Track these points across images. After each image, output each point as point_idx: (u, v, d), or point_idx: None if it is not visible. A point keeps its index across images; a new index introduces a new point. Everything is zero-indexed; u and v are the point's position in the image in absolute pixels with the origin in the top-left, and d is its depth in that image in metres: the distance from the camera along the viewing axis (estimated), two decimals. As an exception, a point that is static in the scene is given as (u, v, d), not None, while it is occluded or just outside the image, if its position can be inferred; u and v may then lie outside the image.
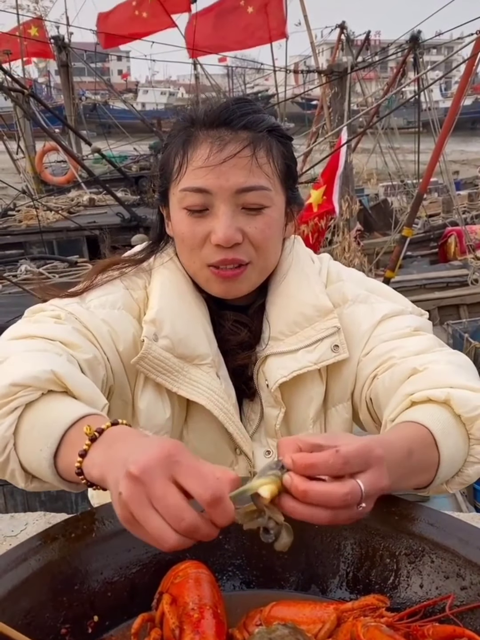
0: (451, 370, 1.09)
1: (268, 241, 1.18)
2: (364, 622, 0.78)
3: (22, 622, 0.79)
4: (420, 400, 1.02)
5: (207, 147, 1.13)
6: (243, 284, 1.20)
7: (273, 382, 1.22)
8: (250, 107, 1.17)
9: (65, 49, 15.16)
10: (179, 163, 1.16)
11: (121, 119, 18.55)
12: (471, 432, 1.00)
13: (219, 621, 0.79)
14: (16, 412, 0.92)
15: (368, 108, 11.60)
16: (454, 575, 0.84)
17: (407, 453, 0.88)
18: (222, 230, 1.12)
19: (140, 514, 0.69)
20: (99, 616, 0.86)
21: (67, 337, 1.07)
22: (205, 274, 1.19)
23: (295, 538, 0.93)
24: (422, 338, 1.20)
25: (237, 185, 1.12)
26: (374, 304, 1.27)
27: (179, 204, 1.17)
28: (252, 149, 1.13)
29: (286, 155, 1.20)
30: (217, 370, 1.21)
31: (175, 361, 1.18)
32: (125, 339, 1.17)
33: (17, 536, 1.24)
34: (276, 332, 1.24)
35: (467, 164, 22.31)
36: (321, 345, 1.22)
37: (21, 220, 10.80)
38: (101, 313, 1.17)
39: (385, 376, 1.16)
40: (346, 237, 9.17)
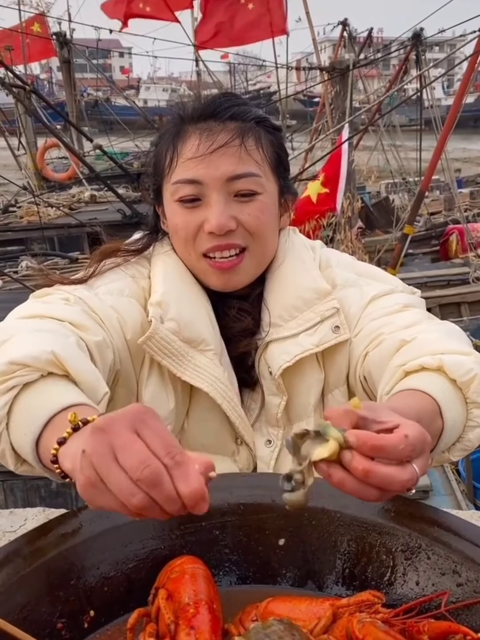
0: (440, 337, 1.09)
1: (263, 227, 1.19)
2: (359, 618, 0.78)
3: (18, 616, 0.79)
4: (413, 369, 1.02)
5: (195, 138, 1.15)
6: (241, 275, 1.21)
7: (277, 368, 1.22)
8: (237, 100, 1.20)
9: (67, 45, 15.13)
10: (170, 158, 1.18)
11: (123, 115, 18.52)
12: (468, 395, 1.00)
13: (215, 616, 0.79)
14: (12, 391, 0.90)
15: (370, 105, 11.57)
16: (450, 572, 0.84)
17: (416, 420, 0.87)
18: (215, 217, 1.14)
19: (104, 466, 0.66)
20: (95, 611, 0.86)
21: (77, 319, 1.06)
22: (202, 266, 1.20)
23: (291, 534, 0.94)
24: (411, 312, 1.20)
25: (227, 173, 1.14)
26: (362, 286, 1.28)
27: (171, 197, 1.18)
28: (240, 138, 1.14)
29: (275, 144, 1.22)
30: (220, 357, 1.22)
31: (181, 345, 1.18)
32: (133, 326, 1.17)
33: (16, 532, 1.24)
34: (276, 317, 1.24)
35: (469, 161, 22.29)
36: (322, 327, 1.23)
37: (22, 216, 10.79)
38: (109, 300, 1.17)
39: (376, 352, 1.16)
40: (347, 234, 9.17)
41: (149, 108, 30.85)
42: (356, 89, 12.32)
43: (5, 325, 1.04)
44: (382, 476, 0.70)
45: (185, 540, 0.93)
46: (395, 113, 13.33)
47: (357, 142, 11.51)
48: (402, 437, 0.71)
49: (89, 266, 1.27)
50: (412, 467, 0.72)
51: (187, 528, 0.93)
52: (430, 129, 11.72)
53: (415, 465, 0.72)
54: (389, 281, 1.31)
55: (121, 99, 23.40)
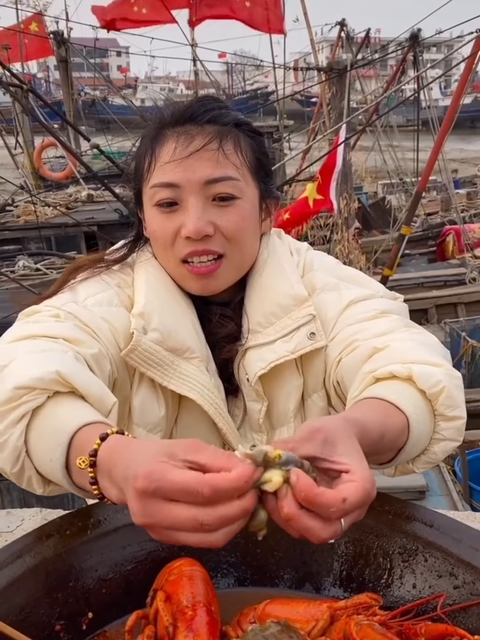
0: (413, 346, 1.08)
1: (242, 233, 1.18)
2: (356, 621, 0.78)
3: (16, 618, 0.79)
4: (383, 376, 1.01)
5: (173, 142, 1.14)
6: (219, 280, 1.20)
7: (252, 375, 1.21)
8: (216, 104, 1.19)
9: (65, 44, 15.11)
10: (148, 162, 1.17)
11: (120, 114, 18.46)
12: (436, 408, 0.99)
13: (213, 619, 0.80)
14: (24, 419, 0.89)
15: (367, 106, 11.59)
16: (447, 575, 0.84)
17: (379, 438, 0.87)
18: (191, 222, 1.13)
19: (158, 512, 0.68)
20: (93, 613, 0.87)
21: (70, 334, 1.06)
22: (180, 272, 1.20)
23: (289, 536, 0.94)
24: (388, 319, 1.18)
25: (204, 177, 1.13)
26: (342, 290, 1.26)
27: (150, 201, 1.18)
28: (218, 141, 1.14)
29: (256, 149, 1.21)
30: (207, 364, 1.21)
31: (166, 354, 1.17)
32: (125, 335, 1.17)
33: (13, 532, 1.24)
34: (254, 324, 1.24)
35: (466, 162, 22.31)
36: (297, 334, 1.22)
37: (19, 215, 10.79)
38: (99, 311, 1.16)
39: (349, 358, 1.15)
40: (345, 235, 9.18)
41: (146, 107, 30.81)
42: (354, 89, 12.35)
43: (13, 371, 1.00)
44: (302, 526, 0.70)
45: (183, 542, 0.93)
46: (393, 113, 13.35)
47: (354, 143, 11.53)
48: (339, 500, 0.70)
49: (59, 280, 1.25)
50: (337, 525, 0.71)
51: (185, 530, 0.93)
52: (428, 130, 11.75)
53: (343, 521, 0.72)
54: (370, 286, 1.29)
55: (118, 98, 23.37)
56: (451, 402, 0.99)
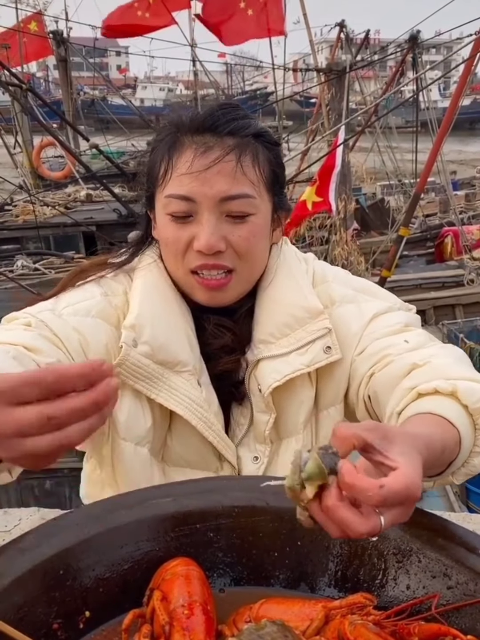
0: (451, 362, 1.11)
1: (253, 249, 1.18)
2: (351, 620, 0.79)
3: (14, 617, 0.80)
4: (426, 391, 1.03)
5: (191, 153, 1.12)
6: (228, 293, 1.20)
7: (266, 386, 1.20)
8: (237, 113, 1.16)
9: (64, 43, 15.11)
10: (164, 169, 1.15)
11: (119, 114, 18.49)
12: (478, 422, 1.01)
13: (209, 618, 0.81)
14: None
15: (367, 107, 11.60)
16: (441, 575, 0.85)
17: (441, 452, 0.90)
18: (204, 237, 1.12)
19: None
20: (90, 612, 0.87)
21: (30, 342, 1.05)
22: (189, 281, 1.19)
23: (285, 537, 0.95)
24: (414, 333, 1.20)
25: (221, 193, 1.12)
26: (361, 303, 1.27)
27: (163, 209, 1.17)
28: (237, 155, 1.12)
29: (272, 162, 1.19)
30: (199, 377, 1.20)
31: (155, 367, 1.16)
32: (96, 347, 1.15)
33: (10, 531, 1.24)
34: (266, 334, 1.22)
35: (464, 164, 22.32)
36: (313, 347, 1.21)
37: (18, 215, 10.77)
38: (73, 320, 1.15)
39: (383, 373, 1.15)
40: (343, 236, 9.19)
41: (145, 107, 30.83)
42: (353, 90, 12.35)
43: None
44: (340, 519, 0.71)
45: (179, 542, 0.94)
46: (392, 115, 13.35)
47: (353, 144, 11.54)
48: (375, 486, 0.70)
49: (61, 284, 1.26)
50: (377, 519, 0.72)
51: (181, 530, 0.94)
52: (427, 131, 11.76)
53: (382, 517, 0.72)
54: (386, 298, 1.30)
55: (118, 98, 23.37)
56: None
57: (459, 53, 12.41)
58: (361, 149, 14.33)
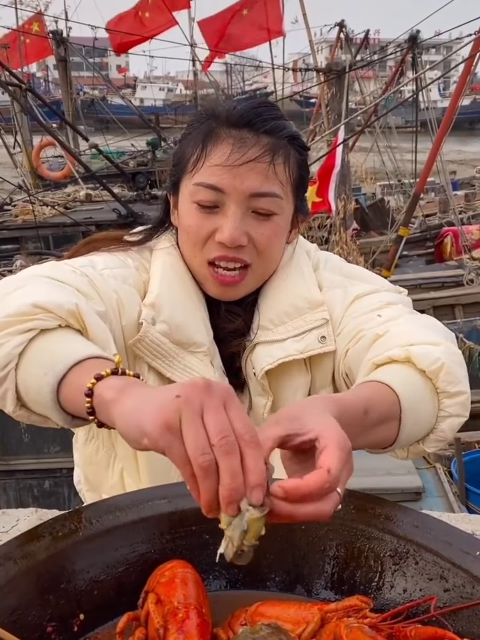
0: (412, 329, 1.11)
1: (272, 248, 1.20)
2: (347, 623, 0.79)
3: (8, 620, 0.79)
4: (382, 362, 1.04)
5: (227, 146, 1.13)
6: (239, 290, 1.22)
7: (259, 369, 1.23)
8: (274, 113, 1.18)
9: (64, 43, 15.12)
10: (196, 156, 1.16)
11: (119, 114, 18.48)
12: (437, 385, 1.01)
13: (204, 621, 0.80)
14: (29, 333, 0.92)
15: (366, 107, 11.60)
16: (438, 578, 0.85)
17: (363, 412, 0.89)
18: (229, 230, 1.13)
19: (190, 417, 0.68)
20: (84, 614, 0.87)
21: (82, 287, 1.07)
22: (204, 273, 1.21)
23: (281, 539, 0.94)
24: (391, 308, 1.21)
25: (251, 189, 1.13)
26: (347, 287, 1.28)
27: (190, 196, 1.17)
28: (271, 155, 1.13)
29: (301, 165, 1.22)
30: (212, 359, 1.22)
31: (171, 346, 1.19)
32: (130, 314, 1.17)
33: (8, 532, 1.24)
34: (266, 321, 1.25)
35: (464, 164, 22.32)
36: (309, 336, 1.24)
37: (17, 215, 10.78)
38: (113, 283, 1.17)
39: (355, 348, 1.18)
40: (343, 236, 9.19)
41: (145, 107, 30.82)
42: (352, 90, 12.35)
43: (15, 277, 1.05)
44: (307, 514, 0.71)
45: (175, 544, 0.93)
46: (392, 115, 13.35)
47: (353, 144, 11.54)
48: (325, 475, 0.70)
49: (74, 250, 1.28)
50: (335, 494, 0.72)
51: (177, 532, 0.94)
52: (426, 131, 11.75)
53: (339, 489, 0.72)
54: (375, 281, 1.32)
55: (117, 97, 23.36)
56: (452, 378, 1.01)
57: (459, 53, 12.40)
58: (361, 149, 14.34)
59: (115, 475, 1.29)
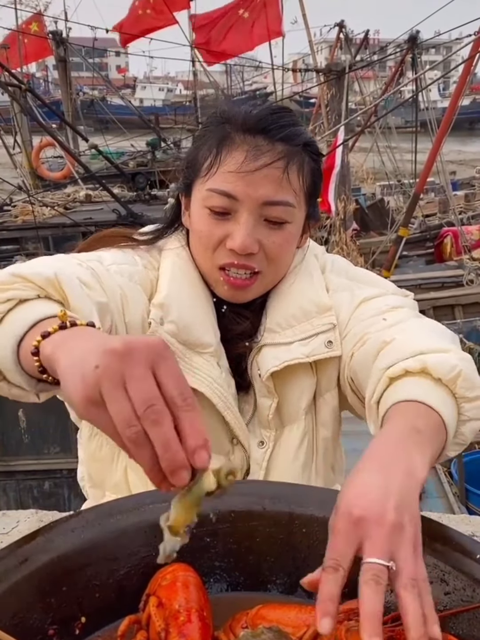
0: (419, 335, 1.09)
1: (283, 255, 1.21)
2: (347, 626, 0.79)
3: (9, 623, 0.79)
4: (397, 375, 1.01)
5: (242, 153, 1.13)
6: (250, 294, 1.23)
7: (265, 371, 1.24)
8: (290, 119, 1.17)
9: (63, 44, 15.11)
10: (210, 161, 1.16)
11: (119, 115, 18.47)
12: (456, 391, 0.99)
13: (205, 624, 0.80)
14: (8, 304, 0.90)
15: (366, 107, 11.60)
16: (438, 581, 0.85)
17: (437, 443, 0.91)
18: (240, 237, 1.14)
19: (111, 390, 0.65)
20: (86, 617, 0.87)
21: (85, 278, 1.06)
22: (215, 276, 1.21)
23: (282, 542, 0.94)
24: (398, 312, 1.20)
25: (264, 197, 1.13)
26: (354, 290, 1.29)
27: (203, 201, 1.17)
28: (285, 163, 1.13)
29: (315, 173, 1.21)
30: (218, 359, 1.23)
31: (179, 347, 1.19)
32: (134, 311, 1.17)
33: (8, 534, 1.24)
34: (273, 323, 1.26)
35: (464, 164, 22.32)
36: (315, 340, 1.24)
37: (17, 215, 10.75)
38: (119, 279, 1.17)
39: (360, 352, 1.17)
40: (342, 236, 9.19)
41: (144, 107, 30.82)
42: (352, 90, 12.36)
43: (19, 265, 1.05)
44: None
45: (176, 547, 0.93)
46: (391, 115, 13.36)
47: (352, 144, 11.55)
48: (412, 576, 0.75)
49: (84, 245, 1.28)
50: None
51: (178, 535, 0.94)
52: (426, 131, 11.76)
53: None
54: (381, 285, 1.32)
55: (117, 98, 23.37)
56: (469, 384, 1.00)
57: (459, 53, 12.42)
58: (361, 149, 14.35)
59: (119, 471, 1.29)
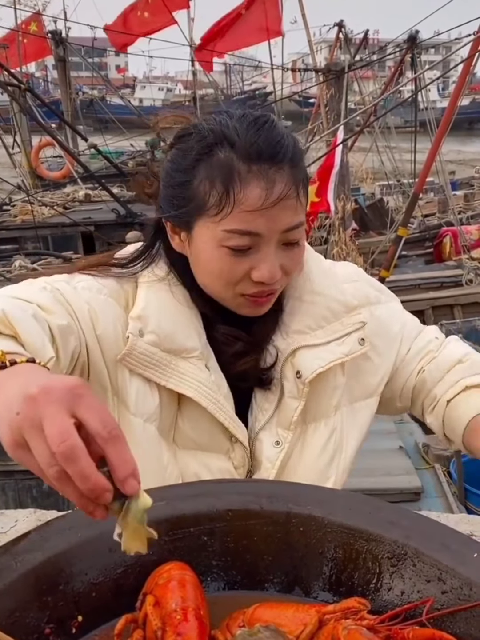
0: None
1: (299, 268, 1.23)
2: (345, 625, 0.79)
3: (6, 622, 0.79)
4: (473, 384, 1.27)
5: (257, 189, 1.08)
6: (267, 307, 1.23)
7: (310, 371, 1.24)
8: (279, 131, 1.13)
9: (63, 43, 15.12)
10: (220, 201, 1.09)
11: (118, 114, 18.48)
12: None
13: (202, 623, 0.80)
14: None
15: (365, 107, 11.60)
16: (435, 580, 0.85)
17: None
18: (267, 269, 1.13)
19: (31, 434, 0.68)
20: (83, 616, 0.86)
21: (45, 303, 1.09)
22: (237, 301, 1.20)
23: (279, 540, 0.94)
24: (432, 329, 1.42)
25: (285, 226, 1.12)
26: (388, 303, 1.41)
27: (218, 241, 1.12)
28: (296, 187, 1.12)
29: (306, 178, 1.19)
30: (206, 362, 1.22)
31: (163, 355, 1.18)
32: (105, 324, 1.17)
33: (6, 533, 1.24)
34: (302, 325, 1.27)
35: (463, 164, 22.32)
36: (349, 339, 1.28)
37: (16, 215, 10.77)
38: (86, 295, 1.18)
39: (432, 367, 1.35)
40: (342, 236, 9.19)
41: (144, 107, 30.82)
42: (352, 90, 12.36)
43: None
44: None
45: (173, 546, 0.93)
46: (391, 115, 13.36)
47: (352, 144, 11.55)
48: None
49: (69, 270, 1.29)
50: None
51: (175, 534, 0.93)
52: (425, 131, 11.77)
53: None
54: (391, 294, 1.45)
55: (116, 97, 23.38)
56: None
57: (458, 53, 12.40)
58: (360, 149, 14.34)
59: None
